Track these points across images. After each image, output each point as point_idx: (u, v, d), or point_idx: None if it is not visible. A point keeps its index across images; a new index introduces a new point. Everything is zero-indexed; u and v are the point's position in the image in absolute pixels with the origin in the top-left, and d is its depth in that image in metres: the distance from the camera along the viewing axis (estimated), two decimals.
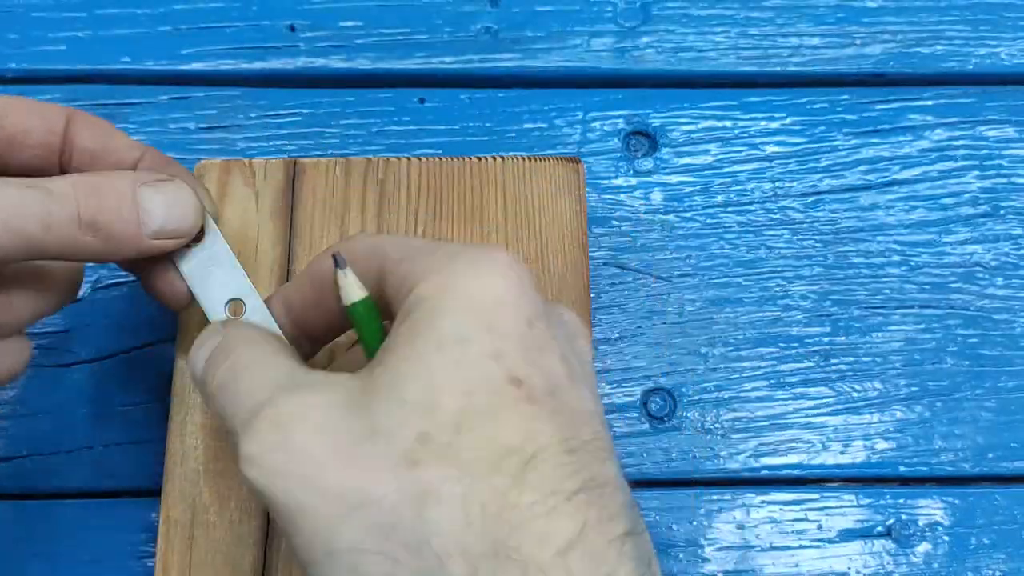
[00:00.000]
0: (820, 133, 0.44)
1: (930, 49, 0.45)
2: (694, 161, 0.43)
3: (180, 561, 0.32)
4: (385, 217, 0.35)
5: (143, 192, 0.29)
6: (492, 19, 0.45)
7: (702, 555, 0.38)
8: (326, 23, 0.45)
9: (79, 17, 0.44)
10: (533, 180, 0.36)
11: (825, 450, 0.39)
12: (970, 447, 0.39)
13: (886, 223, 0.42)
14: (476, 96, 0.44)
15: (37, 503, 0.38)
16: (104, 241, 0.28)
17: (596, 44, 0.45)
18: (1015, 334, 0.41)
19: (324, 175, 0.36)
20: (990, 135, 0.44)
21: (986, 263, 0.42)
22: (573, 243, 0.36)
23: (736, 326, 0.41)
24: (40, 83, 0.43)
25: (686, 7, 0.45)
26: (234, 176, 0.36)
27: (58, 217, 0.27)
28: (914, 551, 0.38)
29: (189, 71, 0.44)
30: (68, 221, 0.27)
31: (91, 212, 0.27)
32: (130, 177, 0.29)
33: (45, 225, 0.27)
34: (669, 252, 0.42)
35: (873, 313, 0.41)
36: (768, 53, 0.45)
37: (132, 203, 0.28)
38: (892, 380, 0.40)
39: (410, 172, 0.36)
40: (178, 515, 0.32)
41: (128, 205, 0.28)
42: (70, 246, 0.27)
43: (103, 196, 0.28)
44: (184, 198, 0.30)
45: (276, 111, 0.43)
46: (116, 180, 0.29)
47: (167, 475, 0.32)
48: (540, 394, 0.23)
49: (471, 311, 0.23)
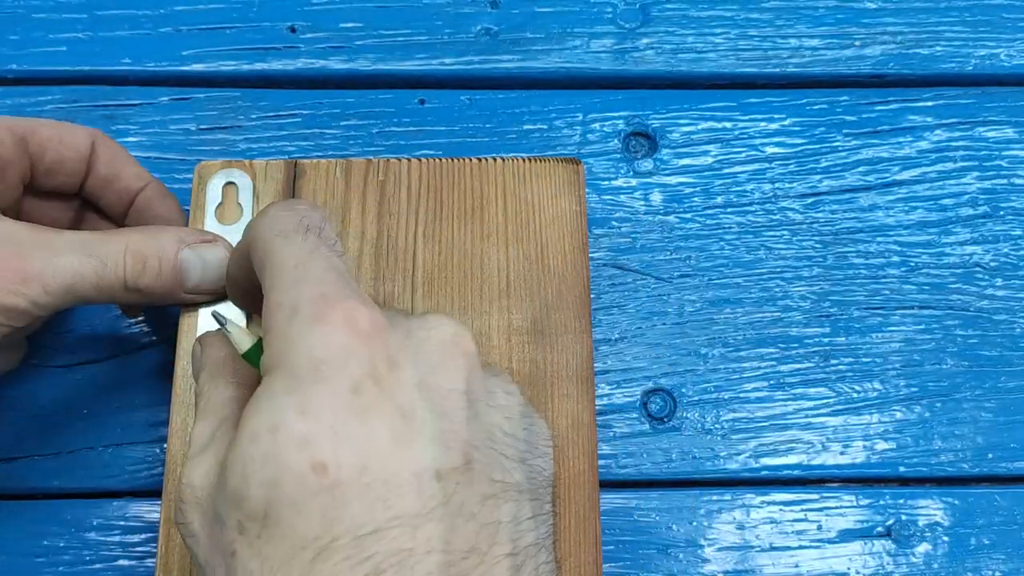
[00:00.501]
0: (820, 134, 0.44)
1: (929, 50, 0.45)
2: (694, 162, 0.43)
3: (180, 561, 0.32)
4: (386, 218, 0.35)
5: (184, 253, 0.32)
6: (492, 20, 0.45)
7: (702, 555, 0.38)
8: (326, 24, 0.45)
9: (80, 18, 0.44)
10: (533, 181, 0.36)
11: (825, 450, 0.39)
12: (970, 447, 0.39)
13: (886, 224, 0.42)
14: (476, 97, 0.44)
15: (37, 503, 0.38)
16: (143, 297, 0.32)
17: (596, 45, 0.45)
18: (1015, 335, 0.41)
19: (324, 176, 0.36)
20: (989, 136, 0.44)
21: (985, 264, 0.42)
22: (573, 244, 0.36)
23: (736, 327, 0.41)
24: (41, 84, 0.43)
25: (686, 8, 0.46)
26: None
27: (108, 282, 0.31)
28: (914, 551, 0.38)
29: (190, 72, 0.44)
30: (116, 284, 0.31)
31: (136, 278, 0.32)
32: (175, 239, 0.32)
33: (97, 288, 0.31)
34: (669, 253, 0.42)
35: (873, 314, 0.41)
36: (768, 54, 0.45)
37: (173, 266, 0.32)
38: (892, 381, 0.40)
39: (410, 173, 0.36)
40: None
41: (169, 268, 0.32)
42: (113, 299, 0.32)
43: (148, 262, 0.32)
44: (219, 258, 0.33)
45: (276, 112, 0.43)
46: (163, 241, 0.32)
47: (168, 476, 0.32)
48: (348, 475, 0.23)
49: (289, 389, 0.23)
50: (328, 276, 0.25)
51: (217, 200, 0.36)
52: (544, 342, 0.34)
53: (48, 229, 0.31)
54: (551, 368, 0.34)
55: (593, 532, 0.32)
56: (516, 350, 0.34)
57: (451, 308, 0.34)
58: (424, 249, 0.35)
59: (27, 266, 0.30)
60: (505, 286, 0.35)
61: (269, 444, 0.23)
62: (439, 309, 0.34)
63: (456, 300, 0.35)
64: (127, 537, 0.37)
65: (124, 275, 0.31)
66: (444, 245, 0.35)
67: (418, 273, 0.35)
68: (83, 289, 0.31)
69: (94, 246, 0.31)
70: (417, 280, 0.35)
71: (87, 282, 0.31)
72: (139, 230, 0.33)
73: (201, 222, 0.35)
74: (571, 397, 0.34)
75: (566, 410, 0.33)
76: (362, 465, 0.23)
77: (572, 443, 0.33)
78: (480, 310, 0.34)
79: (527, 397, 0.29)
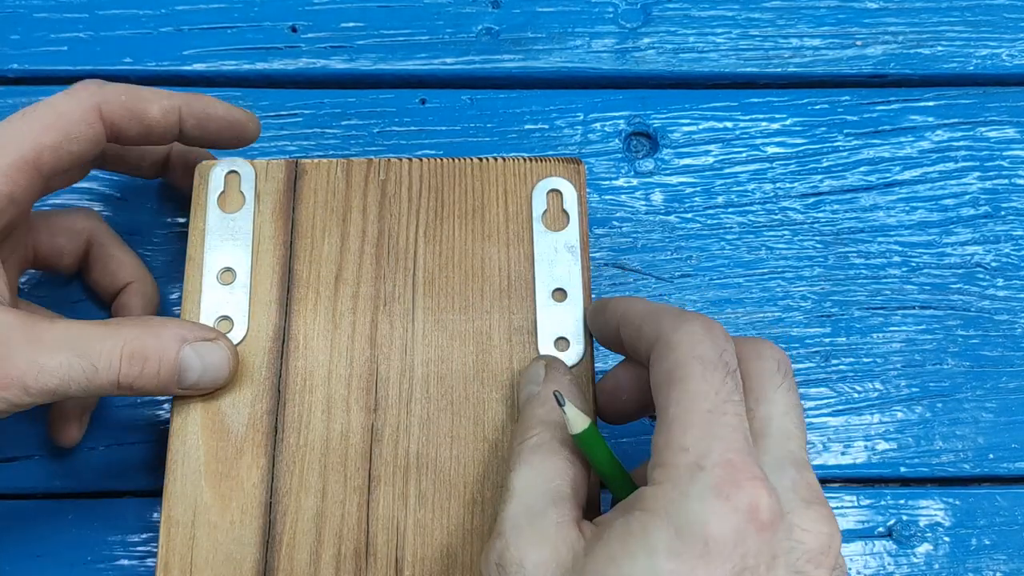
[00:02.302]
0: (821, 134, 0.44)
1: (931, 50, 0.45)
2: (695, 162, 0.43)
3: (181, 562, 0.32)
4: (387, 218, 0.35)
5: (185, 352, 0.31)
6: (493, 20, 0.45)
7: None
8: (328, 24, 0.45)
9: (81, 18, 0.44)
10: (534, 180, 0.36)
11: (826, 450, 0.39)
12: (971, 448, 0.39)
13: (887, 224, 0.42)
14: (477, 97, 0.44)
15: (37, 503, 0.38)
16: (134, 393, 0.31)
17: (597, 45, 0.45)
18: (1016, 335, 0.41)
19: (325, 176, 0.36)
20: (991, 136, 0.44)
21: (987, 264, 0.42)
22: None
23: (737, 327, 0.41)
24: (42, 83, 0.43)
25: (687, 8, 0.46)
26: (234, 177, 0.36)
27: (99, 383, 0.30)
28: (915, 552, 0.38)
29: (191, 72, 0.44)
30: (108, 385, 0.30)
31: (130, 379, 0.31)
32: (177, 337, 0.31)
33: (86, 390, 0.30)
34: (670, 253, 0.42)
35: (873, 314, 0.41)
36: (769, 54, 0.45)
37: (173, 365, 0.31)
38: (893, 381, 0.40)
39: (411, 172, 0.36)
40: (179, 516, 0.32)
41: (169, 369, 0.31)
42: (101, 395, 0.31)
43: (147, 364, 0.31)
44: (220, 359, 0.32)
45: (277, 112, 0.43)
46: (164, 339, 0.31)
47: (168, 476, 0.32)
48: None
49: (672, 552, 0.24)
50: (736, 438, 0.25)
51: (220, 189, 0.36)
52: None
53: (40, 318, 0.30)
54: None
55: None
56: (517, 350, 0.34)
57: (452, 308, 0.34)
58: (425, 249, 0.35)
59: (9, 367, 0.29)
60: (506, 286, 0.35)
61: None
62: (440, 308, 0.34)
63: (457, 300, 0.35)
64: (127, 537, 0.37)
65: (118, 378, 0.30)
66: (445, 245, 0.35)
67: (419, 273, 0.35)
68: (70, 391, 0.30)
69: (87, 344, 0.30)
70: (418, 280, 0.35)
71: (76, 385, 0.30)
72: (138, 324, 0.32)
73: (203, 214, 0.35)
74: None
75: None
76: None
77: None
78: (481, 309, 0.34)
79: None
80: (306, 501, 0.32)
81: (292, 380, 0.33)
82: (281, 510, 0.32)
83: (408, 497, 0.32)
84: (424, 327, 0.34)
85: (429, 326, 0.34)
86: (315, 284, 0.35)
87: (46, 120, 0.32)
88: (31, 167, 0.31)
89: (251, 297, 0.34)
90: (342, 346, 0.34)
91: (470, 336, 0.34)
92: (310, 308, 0.34)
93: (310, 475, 0.32)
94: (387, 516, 0.32)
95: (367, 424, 0.33)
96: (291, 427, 0.33)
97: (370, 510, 0.32)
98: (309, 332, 0.34)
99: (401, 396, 0.33)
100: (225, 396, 0.33)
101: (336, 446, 0.33)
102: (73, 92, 0.33)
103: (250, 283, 0.35)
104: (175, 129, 0.35)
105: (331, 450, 0.33)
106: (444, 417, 0.33)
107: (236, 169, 0.36)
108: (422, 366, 0.34)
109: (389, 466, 0.33)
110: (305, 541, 0.32)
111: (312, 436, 0.33)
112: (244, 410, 0.33)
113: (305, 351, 0.34)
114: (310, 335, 0.34)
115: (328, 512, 0.32)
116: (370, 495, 0.32)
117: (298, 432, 0.33)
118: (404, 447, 0.33)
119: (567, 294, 0.35)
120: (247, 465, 0.32)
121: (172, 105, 0.34)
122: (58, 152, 0.32)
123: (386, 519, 0.32)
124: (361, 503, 0.32)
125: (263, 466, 0.32)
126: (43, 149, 0.32)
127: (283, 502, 0.32)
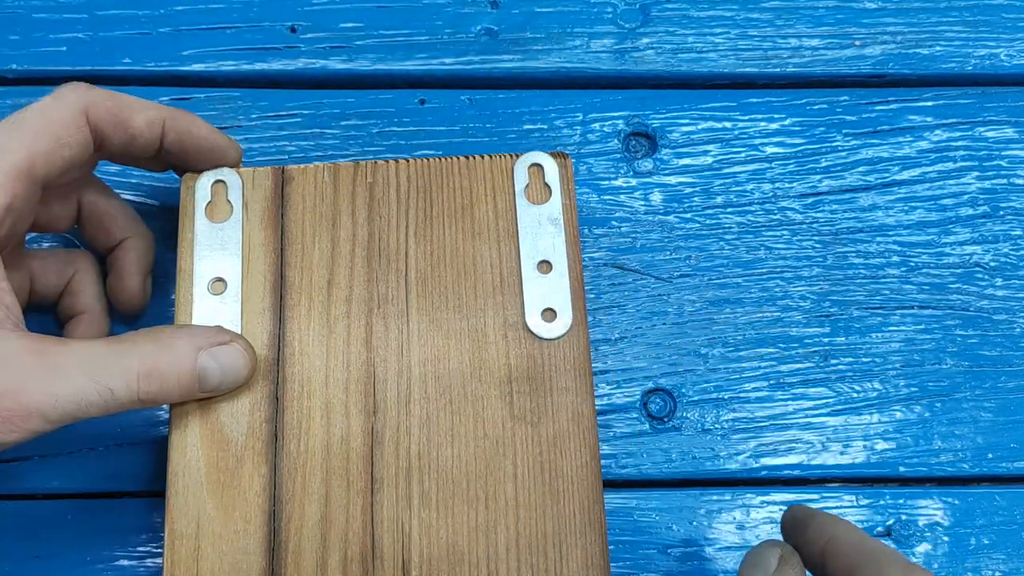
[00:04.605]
0: (820, 134, 0.44)
1: (929, 50, 0.45)
2: (694, 162, 0.43)
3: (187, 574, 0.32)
4: (376, 220, 0.35)
5: (202, 360, 0.32)
6: (492, 20, 0.45)
7: (702, 555, 0.38)
8: (326, 24, 0.45)
9: (80, 18, 0.44)
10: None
11: (825, 450, 0.39)
12: (970, 447, 0.39)
13: (885, 224, 0.42)
14: (476, 97, 0.44)
15: (37, 503, 0.38)
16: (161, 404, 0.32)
17: (596, 45, 0.45)
18: (1014, 335, 0.41)
19: (312, 181, 0.36)
20: (989, 136, 0.44)
21: (985, 264, 0.42)
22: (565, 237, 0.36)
23: (736, 327, 0.41)
24: (41, 84, 0.43)
25: (686, 8, 0.46)
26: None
27: (119, 403, 0.30)
28: (914, 551, 0.38)
29: (190, 72, 0.44)
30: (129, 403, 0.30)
31: (151, 396, 0.31)
32: (191, 346, 0.32)
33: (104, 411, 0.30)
34: (669, 253, 0.42)
35: (872, 314, 0.41)
36: (768, 54, 0.45)
37: (191, 375, 0.31)
38: (892, 380, 0.40)
39: (399, 174, 0.36)
40: (183, 528, 0.32)
41: (188, 379, 0.31)
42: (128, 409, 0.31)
43: (166, 381, 0.31)
44: (238, 360, 0.33)
45: (276, 112, 0.43)
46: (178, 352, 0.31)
47: (170, 488, 0.32)
48: None
49: None
50: None
51: (207, 199, 0.36)
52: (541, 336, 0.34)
53: (51, 341, 0.30)
54: (549, 362, 0.34)
55: (599, 522, 0.32)
56: (513, 346, 0.34)
57: (446, 307, 0.34)
58: (416, 249, 0.35)
59: (26, 400, 0.29)
60: (499, 282, 0.35)
61: None
62: (434, 308, 0.34)
63: (450, 298, 0.35)
64: (127, 537, 0.37)
65: (137, 397, 0.30)
66: (436, 244, 0.35)
67: (411, 273, 0.35)
68: (90, 414, 0.30)
69: (101, 368, 0.30)
70: (410, 280, 0.35)
71: (95, 408, 0.30)
72: (151, 339, 0.31)
73: (191, 224, 0.35)
74: (570, 390, 0.34)
75: (566, 404, 0.33)
76: None
77: (573, 436, 0.33)
78: (475, 307, 0.34)
79: None
80: (309, 507, 0.32)
81: (289, 387, 0.34)
82: (285, 517, 0.32)
83: (412, 498, 0.32)
84: (419, 327, 0.34)
85: (424, 326, 0.34)
86: (308, 290, 0.35)
87: (36, 127, 0.32)
88: (25, 175, 0.31)
89: (243, 306, 0.34)
90: (338, 350, 0.34)
91: (465, 334, 0.34)
92: (304, 314, 0.34)
93: (312, 481, 0.32)
94: (391, 518, 0.32)
95: (367, 427, 0.33)
96: (291, 434, 0.33)
97: (374, 512, 0.32)
98: (304, 338, 0.34)
99: (399, 397, 0.33)
100: (223, 406, 0.33)
101: (337, 450, 0.33)
102: (60, 96, 0.33)
103: (241, 292, 0.35)
104: (157, 142, 0.34)
105: (332, 455, 0.33)
106: (443, 416, 0.33)
107: (223, 178, 0.36)
108: (419, 366, 0.34)
109: (391, 468, 0.33)
110: (310, 547, 0.32)
111: (312, 442, 0.33)
112: (243, 419, 0.33)
113: (301, 357, 0.34)
114: (305, 341, 0.34)
115: (332, 517, 0.32)
116: (373, 497, 0.32)
117: (298, 439, 0.33)
118: (405, 448, 0.33)
119: (552, 266, 0.35)
120: (248, 474, 0.32)
121: (157, 116, 0.34)
122: (51, 158, 0.32)
123: (391, 521, 0.32)
124: (365, 506, 0.32)
125: (264, 474, 0.32)
126: (36, 156, 0.31)
127: (286, 509, 0.32)
